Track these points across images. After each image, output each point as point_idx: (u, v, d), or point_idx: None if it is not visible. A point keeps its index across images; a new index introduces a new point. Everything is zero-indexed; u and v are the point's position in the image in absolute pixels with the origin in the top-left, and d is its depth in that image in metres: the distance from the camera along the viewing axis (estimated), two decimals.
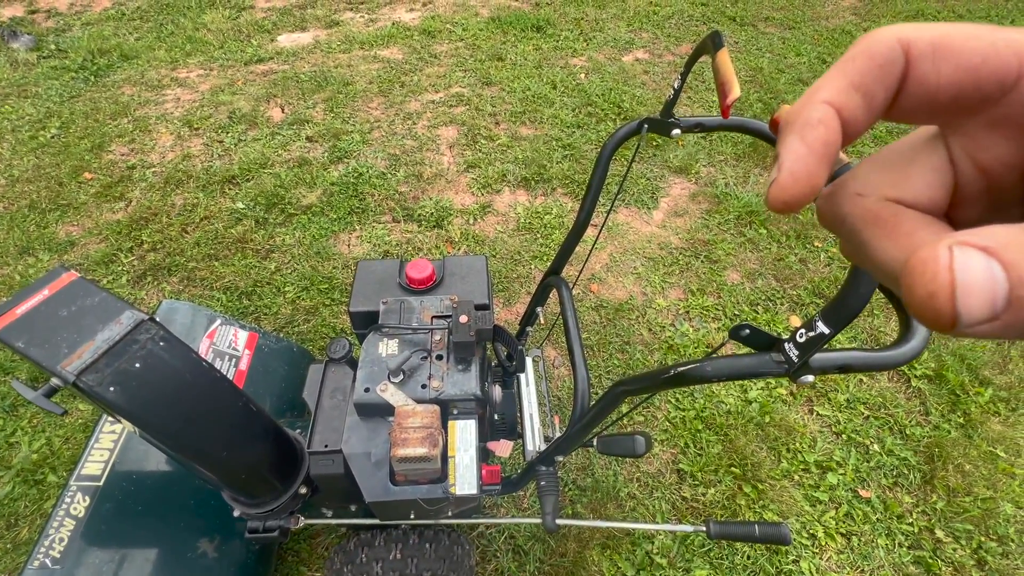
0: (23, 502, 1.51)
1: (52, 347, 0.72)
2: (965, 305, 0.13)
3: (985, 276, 0.13)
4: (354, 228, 2.37)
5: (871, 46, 0.17)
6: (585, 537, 1.49)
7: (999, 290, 0.13)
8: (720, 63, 0.59)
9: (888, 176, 0.19)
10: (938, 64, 0.16)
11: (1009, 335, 0.14)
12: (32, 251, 2.23)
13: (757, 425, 1.72)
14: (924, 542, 1.51)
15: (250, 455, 0.96)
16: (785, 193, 0.17)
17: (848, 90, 0.17)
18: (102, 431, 1.24)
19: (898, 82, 0.17)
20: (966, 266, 0.13)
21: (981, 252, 0.13)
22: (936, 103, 0.17)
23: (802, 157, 0.17)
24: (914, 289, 0.14)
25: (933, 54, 0.16)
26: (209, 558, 1.16)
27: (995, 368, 1.88)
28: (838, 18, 4.13)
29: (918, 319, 0.15)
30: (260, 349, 1.48)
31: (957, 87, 0.16)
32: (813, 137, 0.17)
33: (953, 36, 0.16)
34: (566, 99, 3.14)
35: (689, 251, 2.29)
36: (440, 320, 1.04)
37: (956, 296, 0.13)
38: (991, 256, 0.13)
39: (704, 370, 0.55)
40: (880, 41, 0.17)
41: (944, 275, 0.13)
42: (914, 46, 0.17)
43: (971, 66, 0.16)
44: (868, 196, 0.19)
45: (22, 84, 3.26)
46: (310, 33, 3.90)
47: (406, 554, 1.08)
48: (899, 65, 0.17)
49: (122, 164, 2.69)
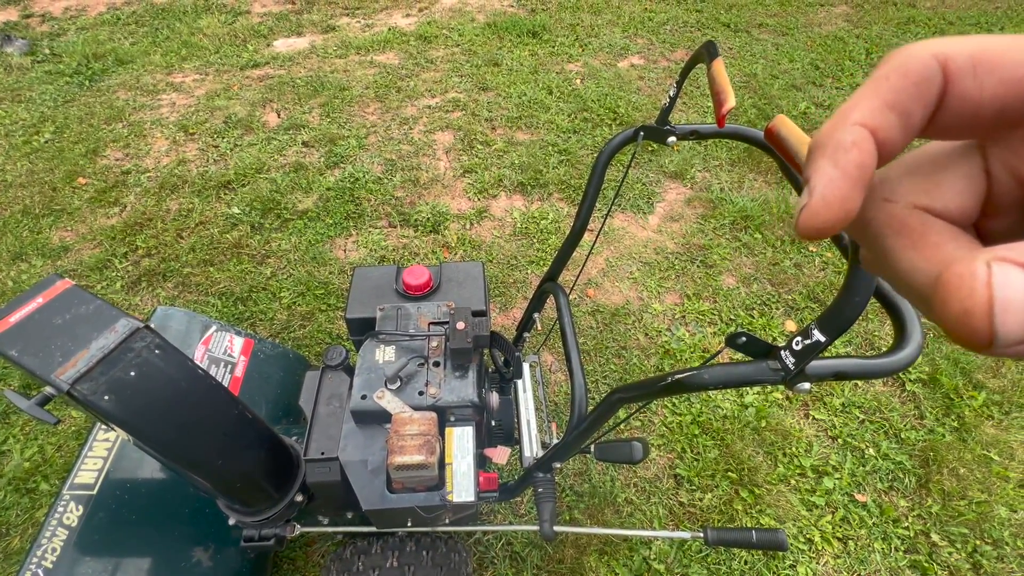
0: (15, 511, 1.49)
1: (46, 356, 0.71)
2: (1003, 323, 0.12)
3: (1022, 292, 0.12)
4: (350, 233, 2.37)
5: (905, 63, 0.16)
6: (583, 543, 1.48)
7: None
8: (715, 73, 0.59)
9: (918, 183, 0.18)
10: (980, 78, 0.16)
11: None
12: (25, 257, 2.22)
13: (753, 430, 1.73)
14: (920, 546, 1.51)
15: (246, 463, 0.95)
16: (817, 219, 0.17)
17: (883, 110, 0.16)
18: (95, 439, 1.23)
19: (937, 99, 0.16)
20: (1006, 283, 0.12)
21: (1022, 269, 0.13)
22: (978, 119, 0.16)
23: (835, 181, 0.16)
24: (948, 305, 0.13)
25: (974, 69, 0.16)
26: (204, 567, 1.15)
27: (988, 372, 1.89)
28: (831, 24, 4.17)
29: (951, 337, 0.14)
30: (256, 355, 1.47)
31: (1001, 101, 0.16)
32: (847, 160, 0.16)
33: (992, 49, 0.16)
34: (562, 104, 3.15)
35: (685, 256, 2.30)
36: (437, 326, 1.04)
37: (994, 314, 0.13)
38: None
39: (701, 378, 0.55)
40: (915, 58, 0.16)
41: (982, 292, 0.13)
42: (952, 61, 0.16)
43: (1016, 78, 0.15)
44: (896, 203, 0.18)
45: (16, 88, 3.25)
46: (306, 38, 3.90)
47: (403, 562, 1.08)
48: (937, 83, 0.16)
49: (117, 169, 2.68)
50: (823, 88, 3.40)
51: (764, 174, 2.69)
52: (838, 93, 3.35)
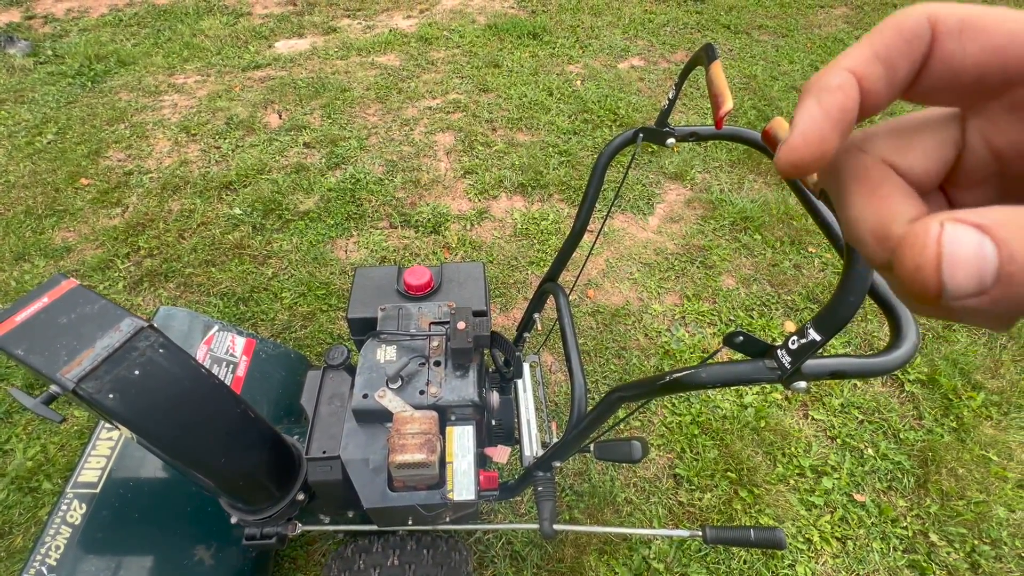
0: (17, 510, 1.50)
1: (51, 354, 0.72)
2: (951, 277, 0.14)
3: (974, 251, 0.13)
4: (351, 234, 2.37)
5: (900, 20, 0.17)
6: (582, 542, 1.49)
7: (988, 265, 0.13)
8: (714, 75, 0.60)
9: (892, 140, 0.19)
10: (964, 42, 0.17)
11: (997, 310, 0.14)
12: (28, 257, 2.23)
13: (753, 430, 1.73)
14: (918, 546, 1.52)
15: (248, 461, 0.96)
16: (795, 154, 0.18)
17: (872, 60, 0.18)
18: (99, 438, 1.24)
19: (923, 57, 0.17)
20: (954, 240, 0.14)
21: (974, 228, 0.14)
22: (959, 83, 0.17)
23: (816, 120, 0.17)
24: (903, 261, 0.15)
25: (960, 32, 0.17)
26: (206, 565, 1.16)
27: (987, 372, 1.89)
28: (830, 26, 4.18)
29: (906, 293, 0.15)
30: (257, 355, 1.48)
31: (981, 67, 0.17)
32: (830, 101, 0.17)
33: (982, 16, 0.17)
34: (562, 106, 3.16)
35: (684, 257, 2.30)
36: (438, 326, 1.05)
37: (942, 268, 0.14)
38: (984, 233, 0.13)
39: (699, 377, 0.56)
40: (909, 15, 0.17)
41: (932, 247, 0.14)
42: (942, 22, 0.17)
43: (997, 46, 0.16)
44: (867, 153, 0.19)
45: (19, 90, 3.26)
46: (307, 39, 3.92)
47: (404, 560, 1.08)
48: (925, 40, 0.17)
49: (119, 170, 2.69)
50: None
51: (764, 175, 2.70)
52: None
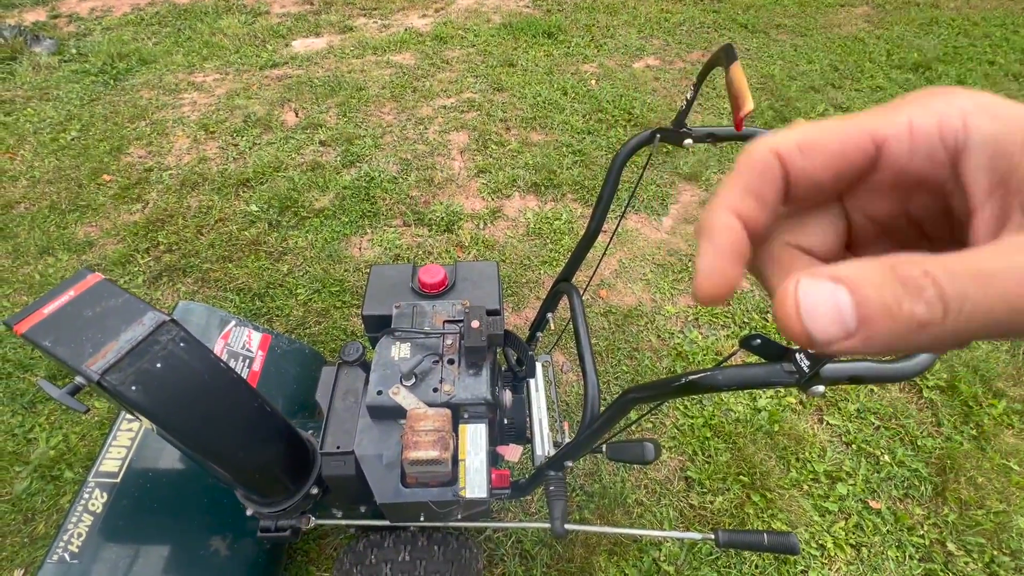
0: (40, 497, 1.54)
1: (77, 346, 0.74)
2: (812, 323, 0.15)
3: (828, 299, 0.15)
4: (366, 232, 2.39)
5: (749, 158, 0.20)
6: (592, 543, 1.49)
7: (846, 311, 0.15)
8: (733, 76, 0.60)
9: (791, 226, 0.22)
10: (808, 159, 0.19)
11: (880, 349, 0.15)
12: (52, 251, 2.28)
13: (766, 433, 1.72)
14: (935, 555, 1.49)
15: (264, 455, 0.98)
16: (701, 291, 0.20)
17: (744, 195, 0.20)
18: (120, 429, 1.27)
19: (782, 179, 0.20)
20: (808, 291, 0.16)
21: (828, 280, 0.15)
22: (821, 187, 0.20)
23: (713, 260, 0.20)
24: (776, 315, 0.17)
25: (801, 153, 0.19)
26: (221, 556, 1.18)
27: (1009, 380, 1.85)
28: (851, 26, 4.11)
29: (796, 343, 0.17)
30: (273, 350, 1.50)
31: (832, 171, 0.19)
32: (719, 241, 0.20)
33: (812, 134, 0.19)
34: (577, 105, 3.15)
35: None
36: (452, 325, 1.05)
37: (802, 317, 0.15)
38: (838, 283, 0.15)
39: (715, 379, 0.56)
40: (754, 152, 0.20)
41: (791, 300, 0.16)
42: (783, 150, 0.20)
43: (834, 152, 0.19)
44: (775, 240, 0.22)
45: (44, 87, 3.34)
46: (324, 38, 3.95)
47: (415, 556, 1.09)
48: (776, 167, 0.20)
49: (139, 166, 2.74)
50: (842, 90, 3.36)
51: None
52: (857, 95, 3.31)
